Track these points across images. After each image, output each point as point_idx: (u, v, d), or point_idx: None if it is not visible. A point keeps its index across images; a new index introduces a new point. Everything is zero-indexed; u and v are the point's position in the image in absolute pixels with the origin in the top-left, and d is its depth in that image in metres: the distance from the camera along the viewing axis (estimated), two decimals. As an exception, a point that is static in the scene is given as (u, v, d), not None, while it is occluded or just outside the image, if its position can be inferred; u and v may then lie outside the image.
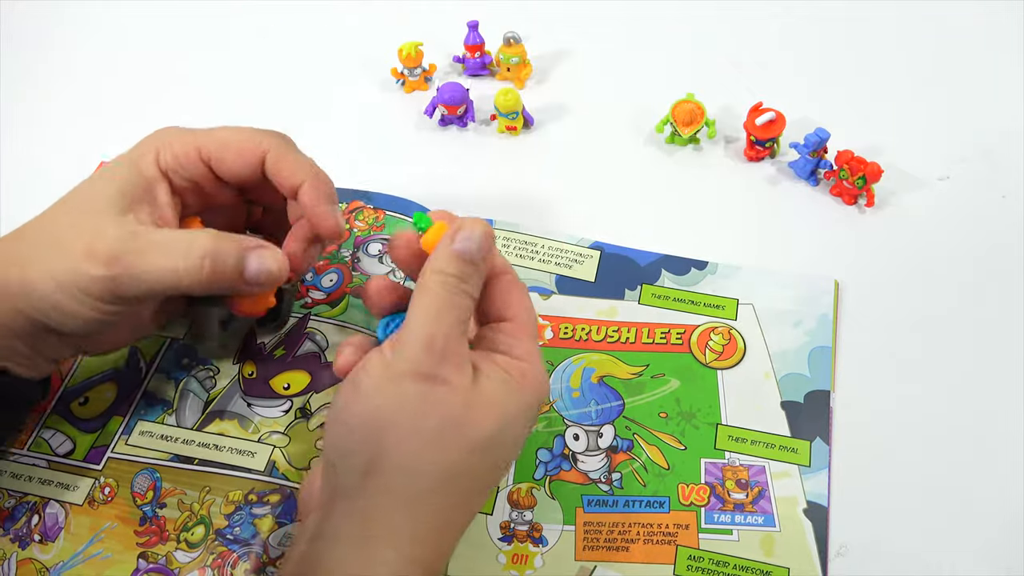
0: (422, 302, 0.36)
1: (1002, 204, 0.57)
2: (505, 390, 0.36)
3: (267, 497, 0.44)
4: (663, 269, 0.53)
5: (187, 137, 0.42)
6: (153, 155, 0.41)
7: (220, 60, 0.70)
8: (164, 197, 0.41)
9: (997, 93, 0.63)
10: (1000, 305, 0.52)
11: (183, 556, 0.43)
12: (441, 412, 0.34)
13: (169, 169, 0.42)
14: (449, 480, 0.35)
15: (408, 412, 0.34)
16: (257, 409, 0.47)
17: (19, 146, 0.64)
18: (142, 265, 0.38)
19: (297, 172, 0.42)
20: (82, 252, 0.38)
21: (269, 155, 0.42)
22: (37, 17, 0.75)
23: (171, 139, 0.42)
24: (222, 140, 0.42)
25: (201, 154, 0.42)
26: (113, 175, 0.41)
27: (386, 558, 0.33)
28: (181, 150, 0.42)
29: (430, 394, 0.34)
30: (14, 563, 0.43)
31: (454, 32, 0.66)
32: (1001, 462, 0.46)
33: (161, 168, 0.41)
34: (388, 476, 0.34)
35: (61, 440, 0.47)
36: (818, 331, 0.50)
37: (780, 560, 0.43)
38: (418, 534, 0.34)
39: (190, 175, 0.42)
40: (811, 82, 0.65)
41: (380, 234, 0.55)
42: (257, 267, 0.40)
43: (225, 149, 0.42)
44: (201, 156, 0.42)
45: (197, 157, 0.42)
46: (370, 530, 0.34)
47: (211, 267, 0.39)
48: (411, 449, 0.34)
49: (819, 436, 0.46)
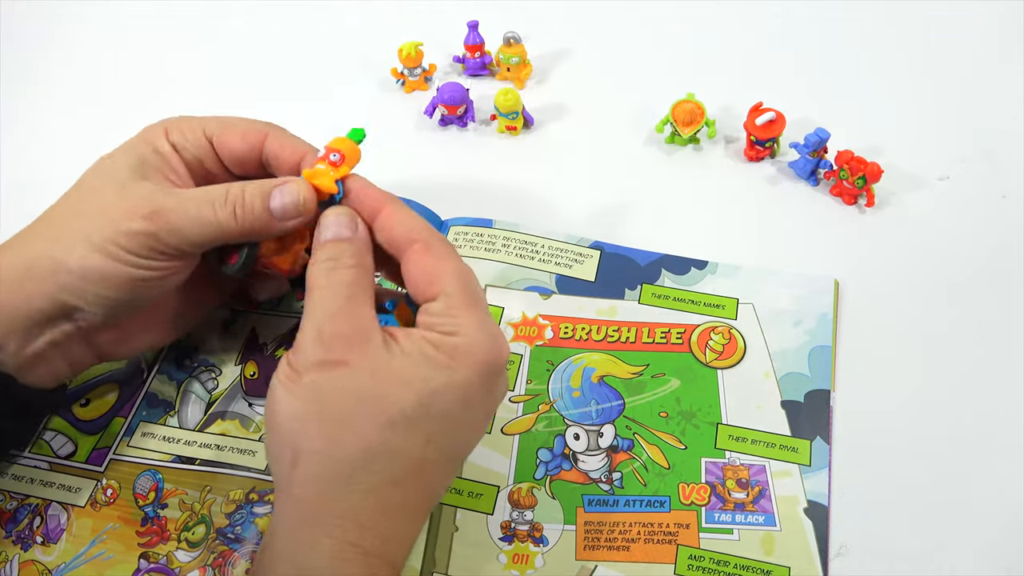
0: (309, 297, 0.37)
1: (1002, 204, 0.57)
2: (426, 364, 0.35)
3: (268, 496, 0.44)
4: (663, 269, 0.54)
5: (193, 120, 0.44)
6: (163, 132, 0.43)
7: (220, 60, 0.70)
8: (181, 168, 0.43)
9: (997, 93, 0.63)
10: (1000, 305, 0.52)
11: (184, 556, 0.43)
12: (346, 392, 0.35)
13: (178, 145, 0.43)
14: (371, 459, 0.34)
15: (315, 400, 0.35)
16: (259, 409, 0.47)
17: (19, 145, 0.64)
18: (181, 217, 0.40)
19: (297, 147, 0.44)
20: (120, 212, 0.39)
21: (270, 136, 0.44)
22: (37, 17, 0.75)
23: (177, 120, 0.44)
24: (226, 121, 0.44)
25: (206, 132, 0.44)
26: (130, 151, 0.43)
27: (321, 544, 0.34)
28: (187, 127, 0.44)
29: (331, 379, 0.35)
30: (16, 565, 0.43)
31: (454, 32, 0.66)
32: (1001, 462, 0.46)
33: (171, 143, 0.43)
34: (309, 464, 0.35)
35: (63, 442, 0.47)
36: (818, 330, 0.50)
37: (781, 559, 0.43)
38: (353, 518, 0.34)
39: (195, 153, 0.44)
40: (811, 82, 0.65)
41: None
42: (280, 200, 0.41)
43: (229, 129, 0.44)
44: (206, 134, 0.44)
45: (202, 135, 0.44)
46: (302, 518, 0.34)
47: (241, 203, 0.40)
48: (325, 433, 0.35)
49: (819, 435, 0.46)
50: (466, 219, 0.56)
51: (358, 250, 0.39)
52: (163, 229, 0.39)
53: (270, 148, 0.44)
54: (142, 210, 0.39)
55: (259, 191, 0.41)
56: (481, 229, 0.55)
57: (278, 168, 0.44)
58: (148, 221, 0.39)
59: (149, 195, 0.40)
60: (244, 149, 0.44)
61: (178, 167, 0.43)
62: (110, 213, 0.39)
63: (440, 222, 0.56)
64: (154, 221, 0.39)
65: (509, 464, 0.46)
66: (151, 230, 0.39)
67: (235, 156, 0.44)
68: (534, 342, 0.50)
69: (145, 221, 0.39)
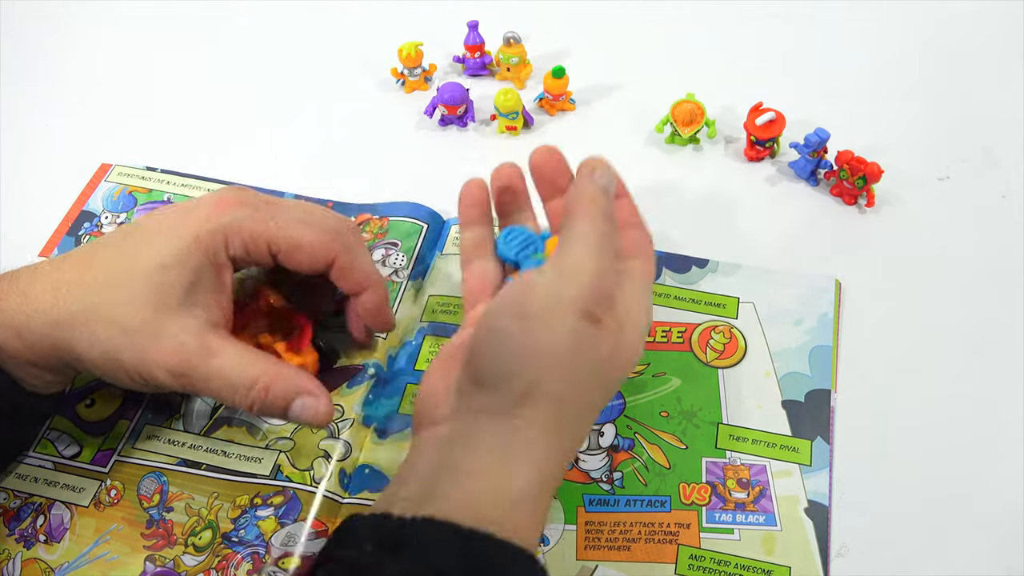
0: (583, 229, 0.37)
1: (1002, 204, 0.57)
2: (640, 333, 0.38)
3: (271, 499, 0.44)
4: (664, 267, 0.54)
5: (258, 227, 0.42)
6: (223, 244, 0.41)
7: (220, 60, 0.70)
8: (229, 281, 0.42)
9: (997, 93, 0.63)
10: (1000, 305, 0.52)
11: (190, 560, 0.43)
12: (597, 354, 0.36)
13: (237, 258, 0.42)
14: (587, 413, 0.38)
15: (571, 349, 0.35)
16: (266, 417, 0.47)
17: (19, 145, 0.64)
18: (206, 384, 0.40)
19: (362, 280, 0.45)
20: (154, 353, 0.39)
21: (338, 260, 0.44)
22: (37, 17, 0.75)
23: (240, 225, 0.42)
24: (294, 240, 0.42)
25: (271, 248, 0.42)
26: (187, 257, 0.41)
27: (524, 472, 0.35)
28: (252, 242, 0.42)
29: (591, 335, 0.35)
30: (19, 563, 0.43)
31: (454, 32, 0.66)
32: (1001, 462, 0.46)
33: (230, 256, 0.42)
34: (542, 405, 0.35)
35: (67, 442, 0.47)
36: (819, 330, 0.50)
37: (781, 559, 0.43)
38: (554, 454, 0.36)
39: (253, 262, 0.43)
40: (811, 82, 0.65)
41: (384, 240, 0.55)
42: (299, 411, 0.41)
43: (297, 250, 0.43)
44: (271, 250, 0.42)
45: (267, 251, 0.42)
46: (514, 446, 0.35)
47: (261, 401, 0.41)
48: (567, 384, 0.35)
49: (820, 435, 0.47)
50: (467, 219, 0.56)
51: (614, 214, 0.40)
52: (184, 385, 0.40)
53: (337, 273, 0.44)
54: (173, 362, 0.40)
55: (283, 396, 0.41)
56: (482, 229, 0.55)
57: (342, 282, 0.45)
58: (176, 380, 0.40)
59: (189, 344, 0.40)
60: (309, 268, 0.44)
61: (228, 282, 0.42)
62: (147, 355, 0.39)
63: (441, 222, 0.56)
64: (179, 380, 0.40)
65: (511, 464, 0.46)
66: (173, 384, 0.40)
67: (299, 270, 0.44)
68: (535, 342, 0.51)
69: (175, 380, 0.40)
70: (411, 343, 0.51)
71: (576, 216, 0.38)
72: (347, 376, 0.49)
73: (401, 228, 0.55)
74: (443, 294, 0.53)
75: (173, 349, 0.39)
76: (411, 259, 0.54)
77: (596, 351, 0.36)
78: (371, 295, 0.46)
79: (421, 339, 0.51)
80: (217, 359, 0.40)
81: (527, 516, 0.35)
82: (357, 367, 0.49)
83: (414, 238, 0.55)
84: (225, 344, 0.41)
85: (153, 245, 0.41)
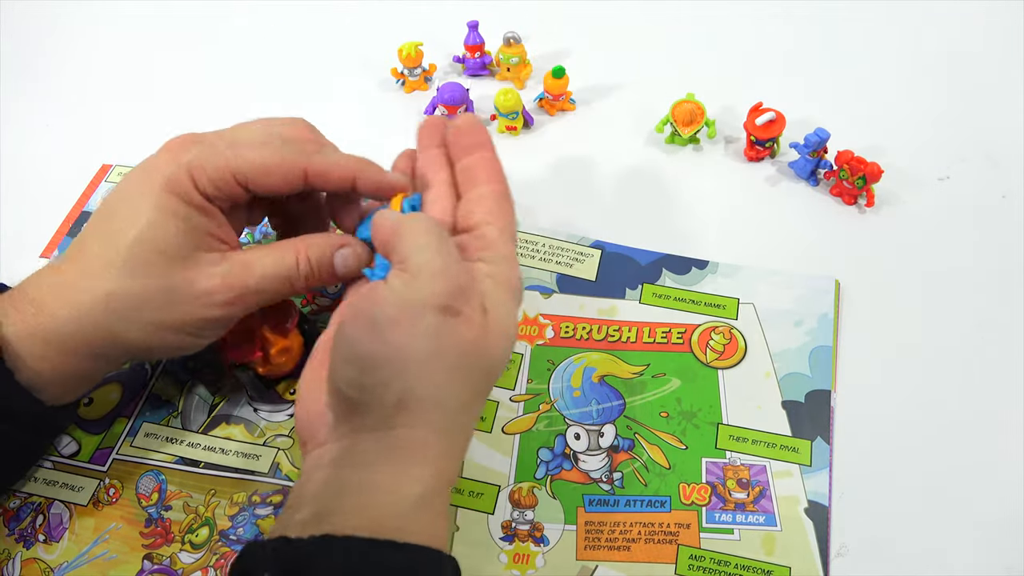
0: (419, 229, 0.37)
1: (1002, 204, 0.57)
2: (507, 312, 0.38)
3: (270, 498, 0.44)
4: (664, 268, 0.54)
5: (219, 161, 0.40)
6: (189, 183, 0.40)
7: (221, 59, 0.70)
8: (222, 218, 0.41)
9: (997, 93, 0.63)
10: (1000, 305, 0.52)
11: (187, 557, 0.43)
12: (461, 344, 0.35)
13: (209, 195, 0.40)
14: (472, 402, 0.37)
15: (432, 348, 0.35)
16: (263, 414, 0.48)
17: (20, 144, 0.64)
18: (259, 293, 0.41)
19: (343, 173, 0.42)
20: (198, 299, 0.40)
21: (310, 169, 0.41)
22: (37, 17, 0.75)
23: (201, 163, 0.40)
24: (259, 166, 0.40)
25: (237, 178, 0.40)
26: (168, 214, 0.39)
27: (418, 475, 0.35)
28: (217, 177, 0.40)
29: (449, 327, 0.35)
30: (18, 562, 0.43)
31: (454, 32, 0.66)
32: (1001, 462, 0.46)
33: (202, 194, 0.40)
34: (418, 408, 0.35)
35: (67, 441, 0.47)
36: (819, 331, 0.50)
37: (781, 559, 0.43)
38: (445, 451, 0.36)
39: (229, 199, 0.41)
40: (811, 82, 0.65)
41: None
42: (343, 264, 0.42)
43: (266, 176, 0.41)
44: (238, 180, 0.40)
45: (234, 181, 0.40)
46: (401, 454, 0.35)
47: (313, 271, 0.42)
48: (438, 382, 0.35)
49: (820, 435, 0.47)
50: (467, 219, 0.56)
51: None
52: (241, 307, 0.41)
53: (315, 179, 0.41)
54: (224, 292, 0.40)
55: (325, 251, 0.42)
56: (482, 229, 0.55)
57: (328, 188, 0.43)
58: (227, 307, 0.40)
59: (224, 275, 0.40)
60: (284, 186, 0.41)
61: (219, 219, 0.41)
62: (185, 300, 0.39)
63: (441, 222, 0.56)
64: (234, 305, 0.40)
65: (510, 464, 0.46)
66: (236, 310, 0.41)
67: (276, 197, 0.43)
68: (535, 341, 0.51)
69: (229, 306, 0.40)
70: (411, 343, 0.51)
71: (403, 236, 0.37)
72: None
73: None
74: (443, 294, 0.53)
75: (208, 280, 0.40)
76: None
77: (461, 342, 0.35)
78: (365, 178, 0.42)
79: (421, 339, 0.51)
80: (257, 266, 0.41)
81: (429, 516, 0.35)
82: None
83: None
84: (250, 252, 0.41)
85: (132, 209, 0.39)
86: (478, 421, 0.41)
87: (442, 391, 0.35)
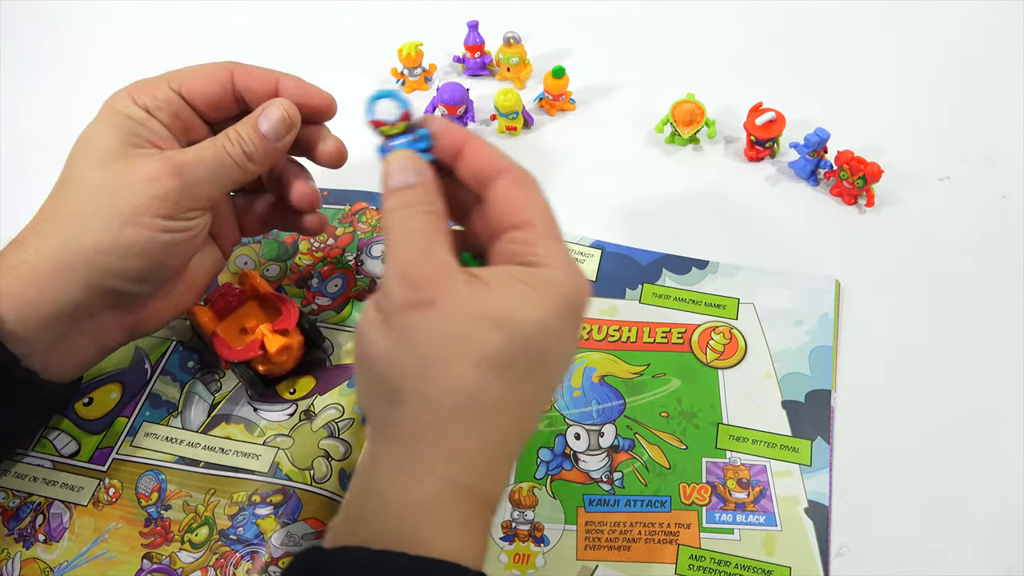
0: (387, 243, 0.36)
1: (1002, 204, 0.57)
2: (519, 301, 0.34)
3: (270, 498, 0.44)
4: (664, 268, 0.54)
5: (154, 78, 0.44)
6: (129, 99, 0.43)
7: (220, 59, 0.70)
8: (162, 130, 0.43)
9: (997, 93, 0.63)
10: (1000, 305, 0.52)
11: (187, 556, 0.43)
12: (437, 332, 0.34)
13: (149, 108, 0.43)
14: (470, 399, 0.34)
15: (408, 342, 0.34)
16: (263, 413, 0.48)
17: (19, 144, 0.64)
18: (204, 166, 0.42)
19: (268, 75, 0.45)
20: (141, 179, 0.40)
21: (236, 72, 0.45)
22: (37, 17, 0.75)
23: (138, 84, 0.44)
24: (189, 70, 0.45)
25: (171, 86, 0.44)
26: (108, 125, 0.42)
27: (423, 481, 0.33)
28: (152, 87, 0.44)
29: (421, 319, 0.34)
30: (18, 562, 0.43)
31: (454, 32, 0.66)
32: (1001, 461, 0.46)
33: (142, 107, 0.43)
34: (409, 406, 0.34)
35: (66, 441, 0.47)
36: (819, 331, 0.50)
37: (781, 559, 0.43)
38: (453, 456, 0.34)
39: (169, 111, 0.44)
40: (811, 82, 0.65)
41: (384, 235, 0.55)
42: (268, 123, 0.43)
43: (195, 76, 0.44)
44: (172, 87, 0.44)
45: (168, 89, 0.44)
46: (402, 457, 0.34)
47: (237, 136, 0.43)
48: (421, 374, 0.34)
49: (820, 435, 0.47)
50: (467, 219, 0.56)
51: (427, 195, 0.37)
52: (189, 183, 0.41)
53: (240, 82, 0.45)
54: (164, 170, 0.41)
55: (249, 123, 0.43)
56: (482, 229, 0.55)
57: (253, 100, 0.45)
58: (175, 178, 0.41)
59: (161, 157, 0.41)
60: (216, 91, 0.45)
61: (158, 130, 0.43)
62: (132, 184, 0.40)
63: (441, 222, 0.56)
64: (181, 177, 0.41)
65: (510, 464, 0.46)
66: (180, 186, 0.41)
67: (209, 101, 0.45)
68: (535, 342, 0.50)
69: (172, 179, 0.41)
70: (411, 343, 0.51)
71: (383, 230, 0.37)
72: (347, 375, 0.49)
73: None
74: (443, 294, 0.53)
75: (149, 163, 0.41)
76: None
77: (437, 331, 0.33)
78: (285, 80, 0.45)
79: (421, 339, 0.51)
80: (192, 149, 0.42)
81: (445, 522, 0.33)
82: (357, 366, 0.49)
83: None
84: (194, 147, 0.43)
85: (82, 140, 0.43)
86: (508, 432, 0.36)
87: (427, 386, 0.34)
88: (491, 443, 0.35)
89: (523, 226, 0.37)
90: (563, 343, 0.36)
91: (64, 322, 0.41)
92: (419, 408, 0.34)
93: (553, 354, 0.36)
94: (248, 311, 0.49)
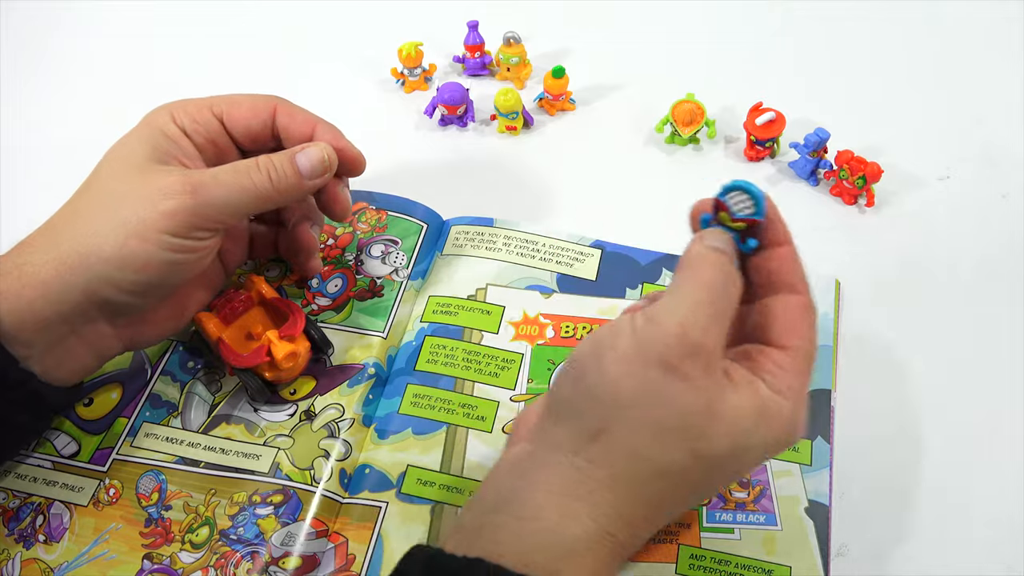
0: (687, 277, 0.35)
1: (1002, 204, 0.57)
2: (753, 421, 0.34)
3: (270, 498, 0.44)
4: (664, 268, 0.54)
5: (198, 101, 0.46)
6: (168, 117, 0.44)
7: (220, 60, 0.70)
8: (192, 151, 0.44)
9: (997, 93, 0.63)
10: (1000, 304, 0.52)
11: (187, 557, 0.43)
12: (678, 409, 0.33)
13: (186, 128, 0.44)
14: (664, 476, 0.34)
15: (647, 401, 0.33)
16: (263, 414, 0.47)
17: (19, 143, 0.64)
18: (221, 188, 0.42)
19: (308, 118, 0.47)
20: (156, 193, 0.41)
21: (280, 107, 0.47)
22: (37, 17, 0.75)
23: (182, 103, 0.45)
24: (232, 99, 0.46)
25: (213, 111, 0.45)
26: (141, 138, 0.44)
27: (580, 517, 0.33)
28: (194, 109, 0.45)
29: (670, 386, 0.33)
30: (18, 563, 0.43)
31: (454, 32, 0.66)
32: (1001, 461, 0.46)
33: (179, 127, 0.44)
34: (610, 452, 0.34)
35: (66, 441, 0.47)
36: (819, 330, 0.50)
37: (782, 559, 0.43)
38: (623, 514, 0.34)
39: (205, 135, 0.45)
40: (811, 82, 0.65)
41: (383, 235, 0.55)
42: (307, 161, 0.45)
43: (237, 106, 0.46)
44: (214, 112, 0.45)
45: (210, 114, 0.45)
46: (575, 491, 0.34)
47: (276, 174, 0.43)
48: (640, 437, 0.33)
49: (820, 435, 0.47)
50: (467, 218, 0.56)
51: (732, 272, 0.36)
52: (204, 203, 0.41)
53: (281, 121, 0.46)
54: (180, 187, 0.41)
55: (286, 156, 0.44)
56: (482, 228, 0.55)
57: (289, 139, 0.46)
58: (189, 196, 0.41)
59: (180, 174, 0.42)
60: (256, 124, 0.46)
61: (189, 150, 0.44)
62: (145, 197, 0.40)
63: (441, 222, 0.56)
64: (195, 196, 0.41)
65: (510, 464, 0.46)
66: (192, 205, 0.41)
67: (248, 131, 0.46)
68: (535, 341, 0.51)
69: (186, 196, 0.41)
70: (411, 343, 0.51)
71: (681, 268, 0.36)
72: (347, 375, 0.49)
73: (400, 225, 0.55)
74: (443, 295, 0.53)
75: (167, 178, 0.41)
76: (411, 259, 0.54)
77: (679, 406, 0.33)
78: (324, 128, 0.47)
79: (421, 339, 0.51)
80: (214, 169, 0.43)
81: (584, 564, 0.33)
82: (357, 366, 0.49)
83: (414, 238, 0.55)
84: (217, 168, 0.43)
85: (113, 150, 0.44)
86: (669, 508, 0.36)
87: (639, 447, 0.33)
88: (658, 515, 0.36)
89: (787, 350, 0.36)
90: (758, 460, 0.37)
91: (62, 326, 0.41)
92: (620, 459, 0.34)
93: (744, 468, 0.38)
94: (254, 317, 0.49)
